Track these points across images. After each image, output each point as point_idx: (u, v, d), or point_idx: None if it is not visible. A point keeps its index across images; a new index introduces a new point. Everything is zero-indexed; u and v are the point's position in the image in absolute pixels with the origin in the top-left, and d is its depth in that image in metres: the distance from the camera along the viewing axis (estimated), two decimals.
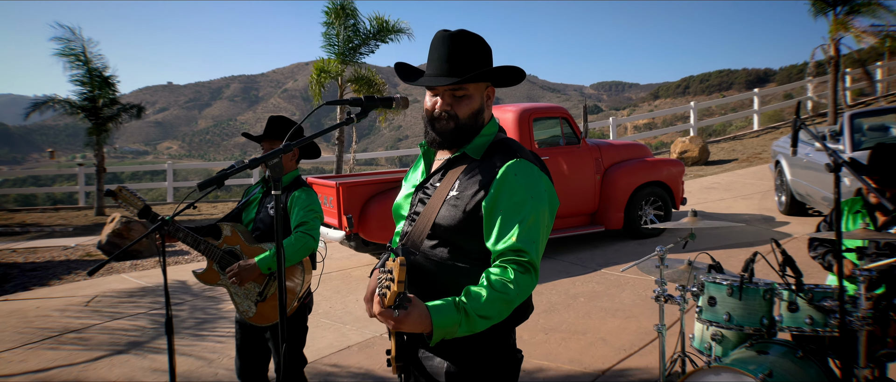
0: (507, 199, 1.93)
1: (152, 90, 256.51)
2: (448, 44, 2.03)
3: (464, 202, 1.98)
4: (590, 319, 5.75)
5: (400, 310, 1.66)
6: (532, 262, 1.87)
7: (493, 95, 2.14)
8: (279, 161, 1.85)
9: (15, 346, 5.91)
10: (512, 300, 1.84)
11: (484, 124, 2.10)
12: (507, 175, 1.96)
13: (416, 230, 2.06)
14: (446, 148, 2.11)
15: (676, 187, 8.95)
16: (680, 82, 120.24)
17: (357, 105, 1.97)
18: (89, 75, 17.67)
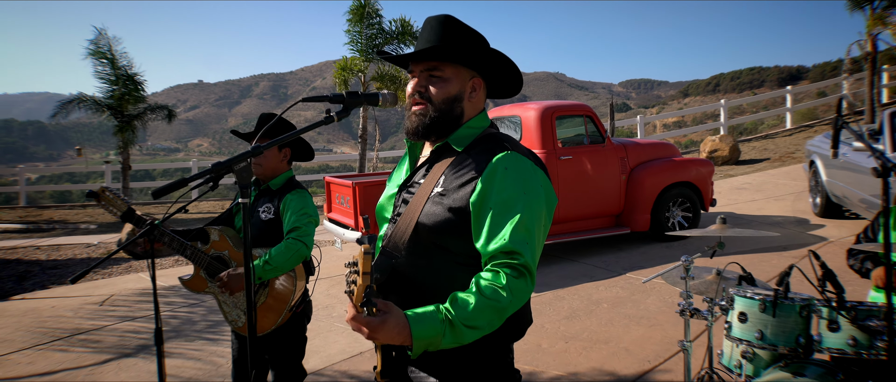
0: (497, 195, 1.72)
1: (183, 88, 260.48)
2: (431, 25, 1.86)
3: (449, 199, 1.78)
4: (613, 327, 5.49)
5: (369, 308, 1.47)
6: (527, 265, 1.67)
7: (479, 88, 1.93)
8: (247, 165, 1.64)
9: (25, 347, 5.82)
10: (504, 307, 1.64)
11: (464, 115, 1.91)
12: (497, 169, 1.75)
13: (397, 231, 1.85)
14: (424, 137, 1.91)
15: (705, 187, 8.62)
16: (710, 80, 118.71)
17: (338, 102, 1.75)
18: (115, 74, 17.76)
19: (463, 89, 1.89)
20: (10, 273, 9.25)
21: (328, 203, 8.56)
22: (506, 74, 1.96)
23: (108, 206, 3.00)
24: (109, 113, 17.60)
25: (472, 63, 1.89)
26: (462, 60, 1.88)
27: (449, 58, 1.86)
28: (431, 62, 1.88)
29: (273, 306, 3.20)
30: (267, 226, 3.26)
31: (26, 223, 15.50)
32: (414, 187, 1.93)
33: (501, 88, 2.01)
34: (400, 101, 9.47)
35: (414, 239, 1.82)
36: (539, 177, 1.81)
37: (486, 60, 1.89)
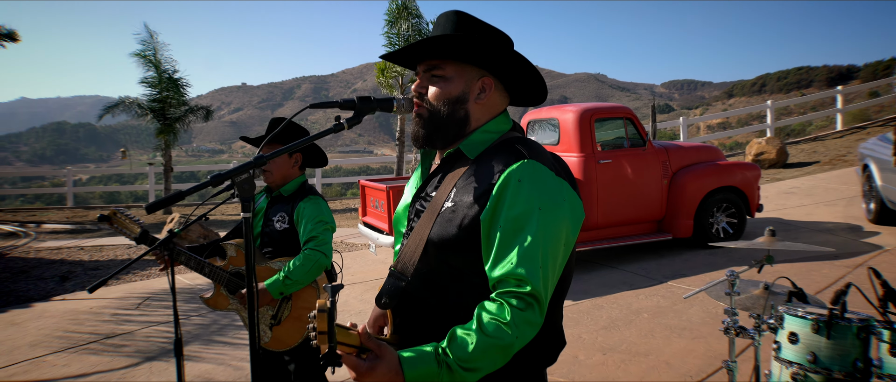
0: (508, 211, 1.53)
1: (227, 91, 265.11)
2: (440, 22, 1.71)
3: (459, 215, 1.60)
4: (653, 338, 5.27)
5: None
6: (536, 294, 1.47)
7: (490, 89, 1.73)
8: (249, 177, 1.51)
9: (61, 349, 5.85)
10: (508, 345, 1.45)
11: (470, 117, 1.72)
12: (509, 182, 1.55)
13: (407, 251, 1.67)
14: (428, 144, 1.74)
15: (751, 192, 8.30)
16: (756, 80, 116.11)
17: (349, 107, 1.62)
18: (158, 77, 18.06)
19: (467, 90, 1.71)
20: (54, 274, 9.39)
21: (363, 207, 8.49)
22: (525, 77, 1.76)
23: (121, 229, 2.93)
24: (152, 116, 17.91)
25: (480, 61, 1.71)
26: (466, 58, 1.70)
27: (448, 55, 1.70)
28: (432, 61, 1.72)
29: (299, 317, 3.10)
30: (283, 236, 3.16)
31: (73, 224, 15.81)
32: (426, 200, 1.76)
33: (523, 94, 1.83)
34: None
35: (424, 260, 1.66)
36: (562, 189, 1.61)
37: (494, 56, 1.70)
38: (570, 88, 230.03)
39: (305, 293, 3.10)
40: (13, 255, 11.15)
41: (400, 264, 1.68)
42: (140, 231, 2.97)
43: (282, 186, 3.25)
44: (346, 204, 17.54)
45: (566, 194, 1.61)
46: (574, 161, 7.71)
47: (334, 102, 1.63)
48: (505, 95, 1.79)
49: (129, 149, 22.26)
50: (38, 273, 9.44)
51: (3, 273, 9.50)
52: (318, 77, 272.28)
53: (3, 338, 6.22)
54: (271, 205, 3.28)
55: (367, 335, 1.45)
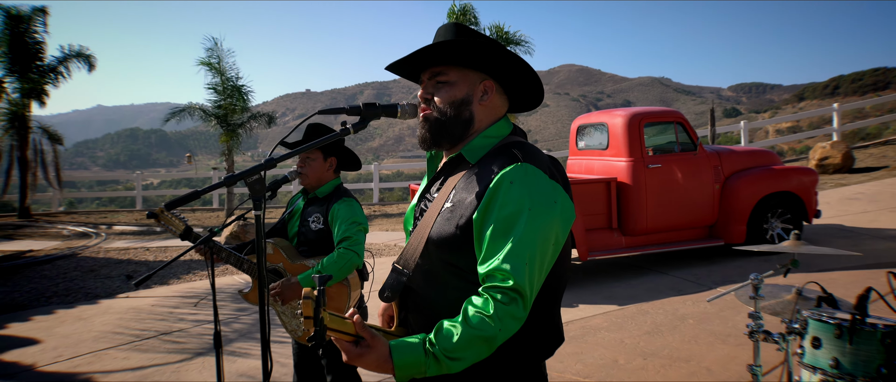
0: (499, 211, 1.61)
1: (292, 97, 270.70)
2: (439, 33, 1.80)
3: (457, 215, 1.69)
4: (696, 344, 5.21)
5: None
6: (518, 288, 1.54)
7: (492, 91, 1.81)
8: (261, 178, 1.63)
9: (123, 343, 6.16)
10: (492, 337, 1.54)
11: (475, 119, 1.81)
12: (501, 183, 1.63)
13: (409, 248, 1.78)
14: (434, 145, 1.83)
15: (809, 197, 8.08)
16: (828, 82, 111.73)
17: (355, 114, 1.72)
18: (223, 84, 18.66)
19: (471, 92, 1.80)
20: (120, 272, 9.86)
21: None
22: (523, 81, 1.84)
23: (168, 225, 3.12)
24: (216, 121, 18.51)
25: (481, 65, 1.80)
26: (467, 62, 1.79)
27: (451, 60, 1.79)
28: (436, 68, 1.81)
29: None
30: (318, 236, 3.30)
31: (141, 226, 16.49)
32: (429, 200, 1.87)
33: (521, 98, 1.91)
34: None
35: (424, 256, 1.76)
36: (554, 191, 1.68)
37: (495, 62, 1.79)
38: (634, 93, 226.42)
39: (336, 291, 3.22)
40: (84, 254, 11.73)
41: (402, 259, 1.79)
42: (184, 228, 3.16)
43: (317, 188, 3.39)
44: (404, 209, 17.74)
45: (558, 196, 1.68)
46: (623, 166, 7.67)
47: (342, 108, 1.74)
48: (505, 99, 1.88)
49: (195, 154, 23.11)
50: (106, 272, 9.92)
51: (74, 271, 10.02)
52: (380, 83, 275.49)
53: (70, 332, 6.59)
54: (307, 206, 3.43)
55: (361, 324, 1.57)
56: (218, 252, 3.17)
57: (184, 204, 1.61)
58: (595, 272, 8.07)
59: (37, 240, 14.07)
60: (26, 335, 6.56)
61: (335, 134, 1.71)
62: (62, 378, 5.27)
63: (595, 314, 6.25)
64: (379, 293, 1.81)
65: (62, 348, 6.04)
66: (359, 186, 20.97)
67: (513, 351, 1.68)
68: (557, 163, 1.82)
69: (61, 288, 8.83)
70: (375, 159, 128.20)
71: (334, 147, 3.39)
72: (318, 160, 3.35)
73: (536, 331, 1.72)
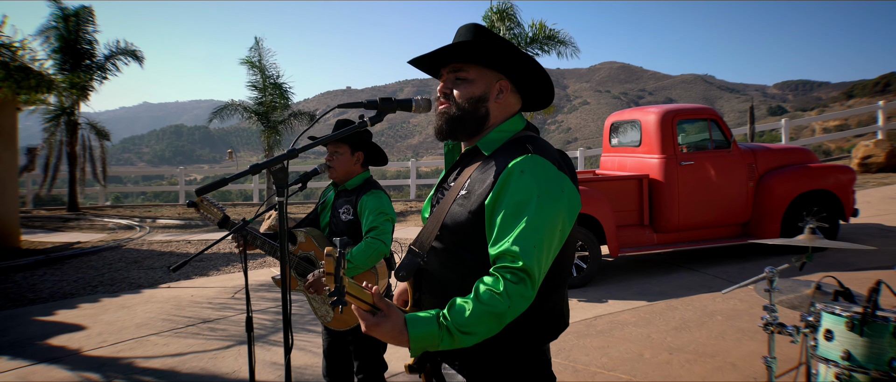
0: (510, 197, 1.73)
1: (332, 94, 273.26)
2: (459, 32, 1.92)
3: (470, 202, 1.81)
4: (723, 340, 5.23)
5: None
6: (527, 269, 1.65)
7: (507, 90, 1.93)
8: (283, 167, 1.76)
9: (164, 330, 6.39)
10: (501, 313, 1.64)
11: (490, 115, 1.92)
12: (512, 172, 1.75)
13: (425, 232, 1.91)
14: (450, 136, 1.95)
15: (846, 196, 7.96)
16: (878, 79, 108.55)
17: (372, 107, 1.84)
18: (263, 83, 19.03)
19: (488, 91, 1.91)
20: (162, 264, 10.17)
21: None
22: (536, 82, 1.95)
23: (206, 213, 3.29)
24: (256, 118, 18.89)
25: (498, 65, 1.91)
26: (485, 61, 1.90)
27: (472, 58, 1.90)
28: (456, 64, 1.92)
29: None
30: (348, 226, 3.43)
31: (183, 219, 16.92)
32: (446, 189, 1.98)
33: (534, 98, 2.02)
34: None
35: (439, 239, 1.88)
36: (562, 181, 1.79)
37: (511, 63, 1.90)
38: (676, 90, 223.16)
39: (365, 279, 3.35)
40: (129, 246, 12.12)
41: (418, 242, 1.93)
42: (222, 217, 3.33)
43: (345, 181, 3.52)
44: None
45: (565, 187, 1.79)
46: (655, 163, 7.68)
47: (360, 102, 1.86)
48: (518, 98, 1.99)
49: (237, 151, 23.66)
50: (149, 264, 10.25)
51: (119, 262, 10.38)
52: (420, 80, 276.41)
53: (114, 319, 6.86)
54: (337, 198, 3.57)
55: (379, 295, 1.70)
56: (252, 240, 3.32)
57: (214, 190, 1.74)
58: (626, 268, 8.09)
59: (84, 232, 14.57)
60: (73, 321, 6.85)
61: (353, 127, 1.83)
62: (105, 362, 5.52)
63: (623, 309, 6.28)
64: (394, 273, 1.94)
65: (106, 334, 6.30)
66: (397, 182, 21.22)
67: (518, 332, 1.78)
68: (566, 156, 1.93)
69: (106, 278, 9.16)
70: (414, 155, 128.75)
71: (361, 142, 3.51)
72: (346, 154, 3.47)
73: (541, 314, 1.82)
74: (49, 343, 6.09)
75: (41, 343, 6.11)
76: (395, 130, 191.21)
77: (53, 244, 12.66)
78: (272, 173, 1.75)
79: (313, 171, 3.43)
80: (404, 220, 14.41)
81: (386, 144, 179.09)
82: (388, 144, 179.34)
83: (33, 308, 7.57)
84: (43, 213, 18.99)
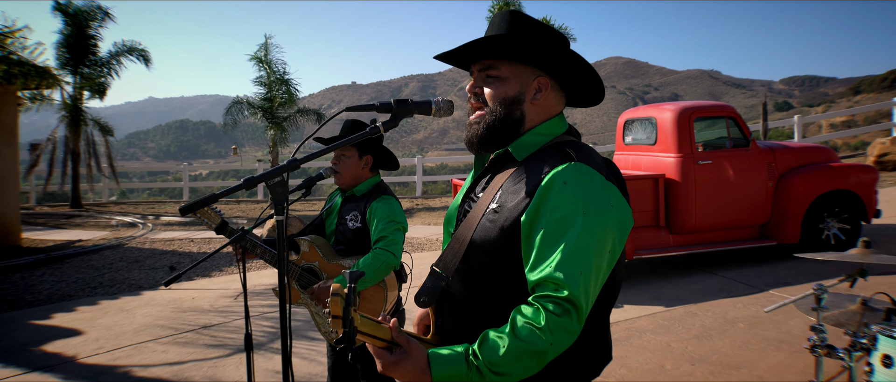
0: (551, 213, 1.47)
1: (338, 90, 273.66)
2: (493, 21, 1.65)
3: (502, 217, 1.55)
4: (747, 350, 4.98)
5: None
6: (573, 299, 1.40)
7: (546, 89, 1.67)
8: (282, 180, 1.51)
9: (163, 336, 6.17)
10: (542, 351, 1.40)
11: (526, 119, 1.66)
12: (554, 183, 1.50)
13: (450, 251, 1.65)
14: (483, 148, 1.70)
15: (868, 196, 7.69)
16: (886, 75, 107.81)
17: (386, 111, 1.59)
18: (268, 78, 18.83)
19: (523, 90, 1.65)
20: (164, 264, 9.97)
21: None
22: (581, 78, 1.69)
23: (203, 219, 3.05)
24: (261, 114, 18.69)
25: (535, 60, 1.65)
26: (521, 57, 1.64)
27: (503, 54, 1.64)
28: (487, 61, 1.67)
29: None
30: (355, 235, 3.19)
31: (187, 217, 16.69)
32: (473, 200, 1.73)
33: (579, 94, 1.75)
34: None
35: (466, 260, 1.62)
36: (610, 193, 1.53)
37: (550, 56, 1.63)
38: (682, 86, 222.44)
39: (373, 293, 3.11)
40: (131, 245, 11.92)
41: (442, 263, 1.66)
42: (220, 222, 3.09)
43: (353, 186, 3.28)
44: (446, 202, 17.65)
45: (614, 200, 1.54)
46: (671, 162, 7.42)
47: (371, 105, 1.62)
48: (561, 96, 1.73)
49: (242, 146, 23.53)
50: (151, 263, 10.04)
51: (120, 262, 10.18)
52: (425, 76, 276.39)
53: (112, 323, 6.64)
54: (345, 204, 3.33)
55: (397, 330, 1.46)
56: (252, 249, 3.09)
57: (200, 208, 1.50)
58: (641, 271, 7.84)
59: (87, 230, 14.38)
60: (70, 325, 6.63)
61: (362, 133, 1.59)
62: (101, 370, 5.30)
63: (641, 315, 6.04)
64: (415, 298, 1.68)
65: (103, 339, 6.09)
66: (402, 179, 20.98)
67: (559, 370, 1.53)
68: (613, 165, 1.67)
69: (107, 279, 8.95)
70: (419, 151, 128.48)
71: (369, 145, 3.26)
72: (353, 158, 3.23)
73: (585, 348, 1.58)
74: (44, 350, 5.87)
75: (36, 349, 5.90)
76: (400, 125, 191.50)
77: (55, 242, 12.47)
78: (270, 188, 1.50)
79: (318, 175, 3.18)
80: (411, 217, 14.17)
81: (390, 140, 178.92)
82: (393, 139, 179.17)
83: (30, 311, 7.36)
84: (46, 210, 18.83)
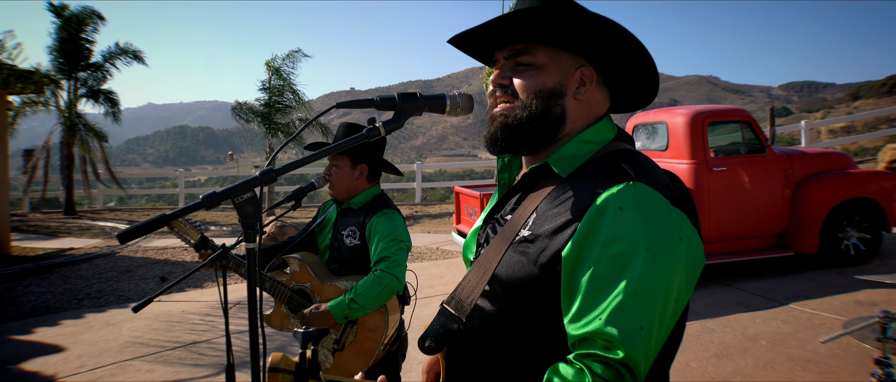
0: (603, 249, 1.12)
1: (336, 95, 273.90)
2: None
3: (537, 249, 1.20)
4: (772, 371, 4.64)
5: None
6: (631, 364, 1.06)
7: (591, 82, 1.32)
8: (253, 197, 1.17)
9: (148, 353, 5.83)
10: None
11: (567, 118, 1.32)
12: (607, 208, 1.15)
13: (466, 285, 1.30)
14: (508, 150, 1.34)
15: (889, 204, 7.38)
16: (885, 80, 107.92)
17: (387, 107, 1.25)
18: (269, 81, 18.57)
19: (564, 82, 1.31)
20: (155, 274, 9.61)
21: (457, 214, 8.18)
22: (635, 69, 1.34)
23: (181, 234, 2.74)
24: (259, 121, 18.40)
25: (580, 46, 1.30)
26: (562, 41, 1.30)
27: (541, 36, 1.29)
28: (518, 44, 1.32)
29: (364, 345, 2.78)
30: (353, 253, 2.85)
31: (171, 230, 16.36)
32: (500, 223, 1.38)
33: (628, 93, 1.40)
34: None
35: (487, 298, 1.29)
36: (680, 224, 1.19)
37: (601, 42, 1.29)
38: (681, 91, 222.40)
39: (373, 319, 2.77)
40: (123, 254, 11.56)
41: (454, 300, 1.31)
42: (199, 238, 2.77)
43: (348, 198, 2.94)
44: (445, 209, 17.31)
45: (684, 232, 1.19)
46: (684, 169, 7.09)
47: (368, 99, 1.27)
48: (606, 94, 1.39)
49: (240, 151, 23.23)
50: (141, 273, 9.68)
51: (110, 272, 9.81)
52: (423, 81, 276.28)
53: (96, 339, 6.29)
54: (341, 217, 2.99)
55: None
56: (235, 267, 2.76)
57: (142, 234, 1.15)
58: None
59: (78, 238, 14.01)
60: (52, 341, 6.28)
61: (356, 136, 1.25)
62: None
63: None
64: (418, 342, 1.32)
65: (86, 357, 5.73)
66: (401, 185, 20.64)
67: None
68: (681, 183, 1.32)
69: (95, 290, 8.59)
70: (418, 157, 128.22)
71: (364, 153, 2.91)
72: (345, 168, 2.88)
73: None
74: (22, 368, 5.52)
75: (13, 367, 5.54)
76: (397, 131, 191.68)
77: (45, 250, 12.10)
78: (237, 207, 1.15)
79: (309, 185, 2.83)
80: (411, 224, 13.83)
81: (388, 145, 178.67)
82: (391, 145, 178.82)
83: (12, 325, 7.00)
84: (38, 217, 18.45)
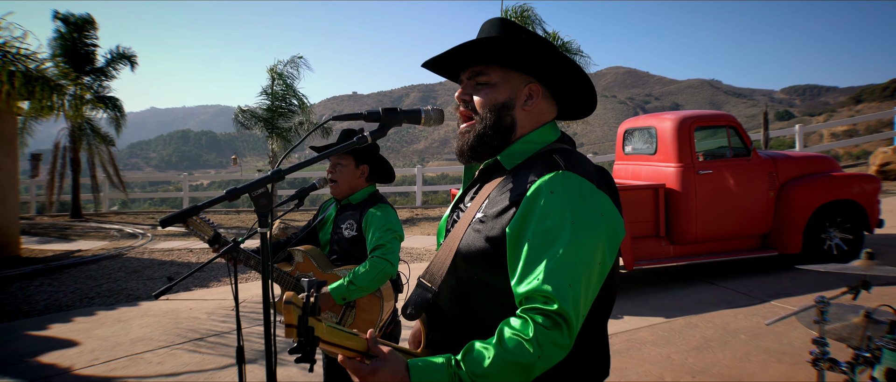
0: (537, 224, 1.43)
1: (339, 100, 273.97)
2: (483, 28, 1.63)
3: (488, 227, 1.52)
4: (748, 362, 4.92)
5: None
6: (563, 313, 1.35)
7: (538, 96, 1.64)
8: (266, 191, 1.47)
9: (160, 347, 6.12)
10: (529, 364, 1.34)
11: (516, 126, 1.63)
12: (540, 192, 1.46)
13: (436, 262, 1.61)
14: (474, 158, 1.66)
15: (871, 206, 7.65)
16: (888, 84, 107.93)
17: (373, 120, 1.56)
18: (271, 86, 18.87)
19: (514, 96, 1.62)
20: (162, 274, 9.92)
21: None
22: (573, 83, 1.65)
23: (196, 231, 3.02)
24: (261, 125, 18.71)
25: (526, 66, 1.62)
26: (510, 62, 1.61)
27: (493, 59, 1.61)
28: (476, 67, 1.64)
29: (361, 328, 3.08)
30: (351, 243, 3.16)
31: (187, 227, 16.66)
32: (461, 210, 1.70)
33: (572, 104, 1.72)
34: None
35: (452, 271, 1.59)
36: (600, 202, 1.49)
37: (541, 63, 1.60)
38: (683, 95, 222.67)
39: (369, 303, 3.07)
40: (130, 255, 11.87)
41: (428, 274, 1.64)
42: (213, 234, 3.05)
43: (349, 195, 3.25)
44: (445, 212, 17.62)
45: (605, 209, 1.50)
46: (672, 172, 7.38)
47: (359, 114, 1.58)
48: (553, 104, 1.70)
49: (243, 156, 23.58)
50: (149, 273, 9.99)
51: (118, 272, 10.13)
52: (425, 86, 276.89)
53: (108, 334, 6.59)
54: (340, 212, 3.29)
55: (374, 341, 1.43)
56: (246, 260, 3.05)
57: (181, 220, 1.46)
58: (641, 281, 7.78)
59: (86, 240, 14.34)
60: (66, 336, 6.59)
61: (348, 143, 1.55)
62: (96, 381, 5.25)
63: (641, 326, 5.98)
64: (401, 310, 1.65)
65: (99, 351, 6.03)
66: (403, 188, 20.94)
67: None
68: (606, 173, 1.63)
69: (104, 289, 8.90)
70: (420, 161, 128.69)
71: (366, 154, 3.24)
72: (350, 167, 3.20)
73: (579, 363, 1.53)
74: (39, 361, 5.82)
75: (31, 360, 5.85)
76: (400, 135, 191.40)
77: (54, 252, 12.43)
78: (253, 199, 1.46)
79: (311, 186, 3.14)
80: (410, 227, 14.12)
81: (390, 149, 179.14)
82: (393, 149, 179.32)
83: (27, 322, 7.31)
84: (46, 220, 18.79)
